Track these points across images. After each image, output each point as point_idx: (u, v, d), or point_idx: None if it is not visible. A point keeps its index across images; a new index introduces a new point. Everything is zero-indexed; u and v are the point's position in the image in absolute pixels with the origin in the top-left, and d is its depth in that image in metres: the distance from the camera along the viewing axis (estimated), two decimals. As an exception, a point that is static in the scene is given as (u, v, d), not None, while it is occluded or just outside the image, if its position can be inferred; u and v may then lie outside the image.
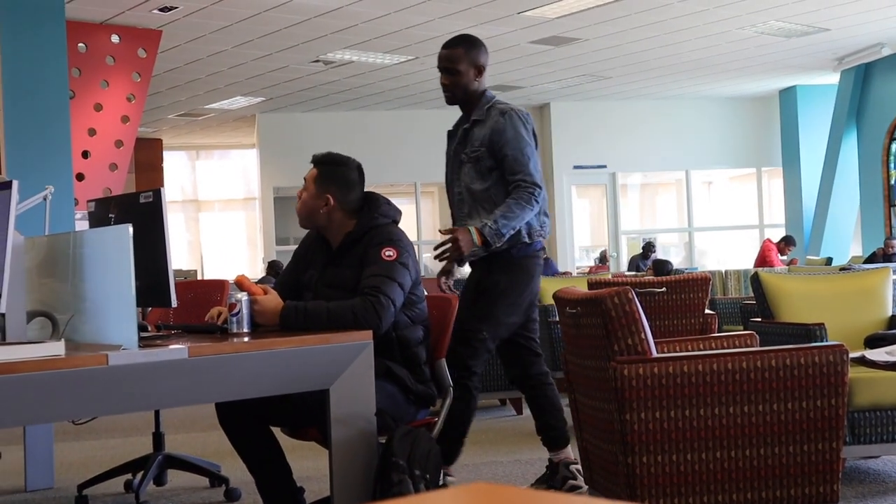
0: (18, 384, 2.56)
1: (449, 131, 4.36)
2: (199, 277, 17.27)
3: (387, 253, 3.36)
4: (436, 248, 4.06)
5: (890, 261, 12.55)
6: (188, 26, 11.06)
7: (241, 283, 3.33)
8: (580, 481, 4.13)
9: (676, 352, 3.86)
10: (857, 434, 4.08)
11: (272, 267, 14.61)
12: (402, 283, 3.34)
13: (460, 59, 4.06)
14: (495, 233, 3.94)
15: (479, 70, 4.11)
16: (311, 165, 3.61)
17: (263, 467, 3.52)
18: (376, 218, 3.50)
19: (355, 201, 3.53)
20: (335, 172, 3.53)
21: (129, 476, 4.73)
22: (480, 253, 4.03)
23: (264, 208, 17.09)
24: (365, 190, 3.60)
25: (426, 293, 3.64)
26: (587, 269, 15.80)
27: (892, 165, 15.78)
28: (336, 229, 3.54)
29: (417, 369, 3.48)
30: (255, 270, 17.58)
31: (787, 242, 14.82)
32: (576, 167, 17.52)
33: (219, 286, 4.92)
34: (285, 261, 17.66)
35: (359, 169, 3.58)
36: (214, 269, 19.67)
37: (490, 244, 3.96)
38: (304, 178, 3.59)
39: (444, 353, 3.56)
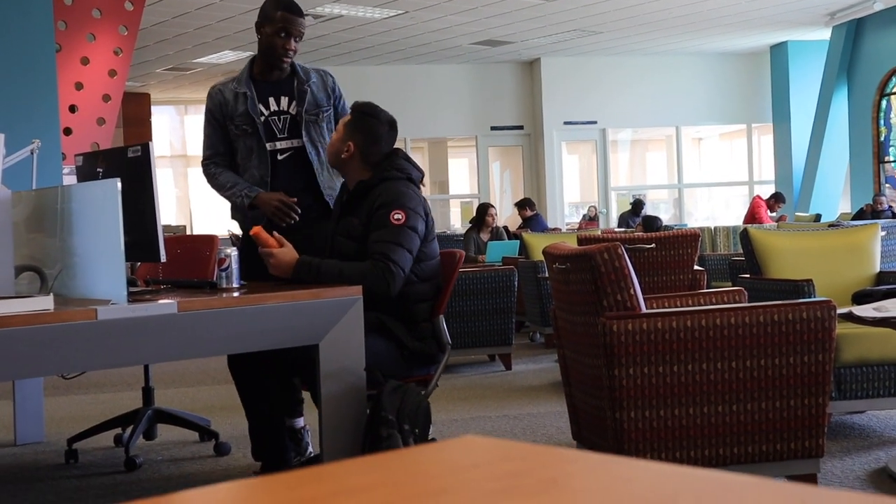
0: (7, 339, 2.56)
1: (243, 93, 3.96)
2: (188, 232, 17.23)
3: (395, 216, 3.39)
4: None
5: (878, 217, 12.59)
6: (175, -21, 10.94)
7: (257, 235, 3.35)
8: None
9: (665, 307, 3.86)
10: (843, 389, 4.11)
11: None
12: (410, 249, 3.39)
13: (304, 27, 3.98)
14: None
15: None
16: None
17: (258, 414, 3.60)
18: (391, 171, 3.52)
19: (377, 154, 3.56)
20: (364, 122, 3.57)
21: (118, 430, 4.74)
22: None
23: (253, 163, 16.99)
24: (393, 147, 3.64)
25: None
26: (576, 226, 15.81)
27: (881, 122, 15.77)
28: (352, 175, 3.58)
29: (417, 326, 3.48)
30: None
31: (776, 199, 14.85)
32: (566, 123, 17.47)
33: (208, 241, 4.89)
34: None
35: (390, 124, 3.61)
36: (203, 225, 19.62)
37: None
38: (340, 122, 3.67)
39: (443, 310, 3.56)
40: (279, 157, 3.98)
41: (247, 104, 3.94)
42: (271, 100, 3.99)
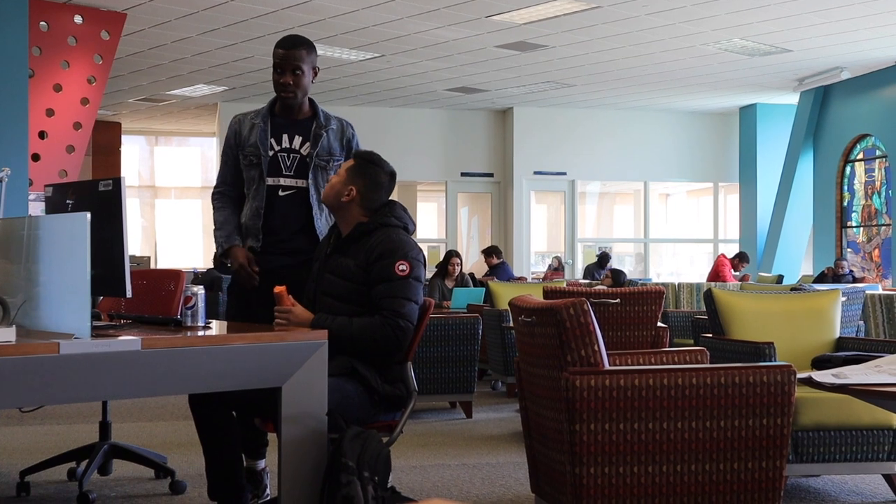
0: (-33, 369, 2.52)
1: (258, 124, 4.05)
2: (153, 263, 17.11)
3: (400, 267, 3.49)
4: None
5: (839, 281, 12.75)
6: (153, 11, 10.95)
7: (280, 294, 3.45)
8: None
9: (628, 365, 3.89)
10: (800, 453, 4.14)
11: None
12: (416, 300, 3.51)
13: (303, 59, 4.01)
14: None
15: (315, 72, 4.06)
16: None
17: (216, 453, 3.57)
18: (389, 218, 3.62)
19: (376, 201, 3.66)
20: (368, 169, 3.67)
21: (72, 464, 4.68)
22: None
23: (222, 198, 16.93)
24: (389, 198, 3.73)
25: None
26: (542, 275, 15.86)
27: (845, 187, 16.01)
28: (348, 218, 3.65)
29: (388, 369, 3.51)
30: (209, 259, 17.44)
31: (741, 259, 14.97)
32: (536, 172, 17.59)
33: (174, 276, 4.87)
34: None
35: (391, 175, 3.72)
36: (168, 256, 19.50)
37: None
38: (342, 166, 3.75)
39: (412, 356, 3.58)
40: (280, 194, 4.03)
41: (258, 136, 3.99)
42: (285, 136, 4.05)
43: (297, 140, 4.04)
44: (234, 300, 4.11)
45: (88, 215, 2.77)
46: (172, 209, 20.48)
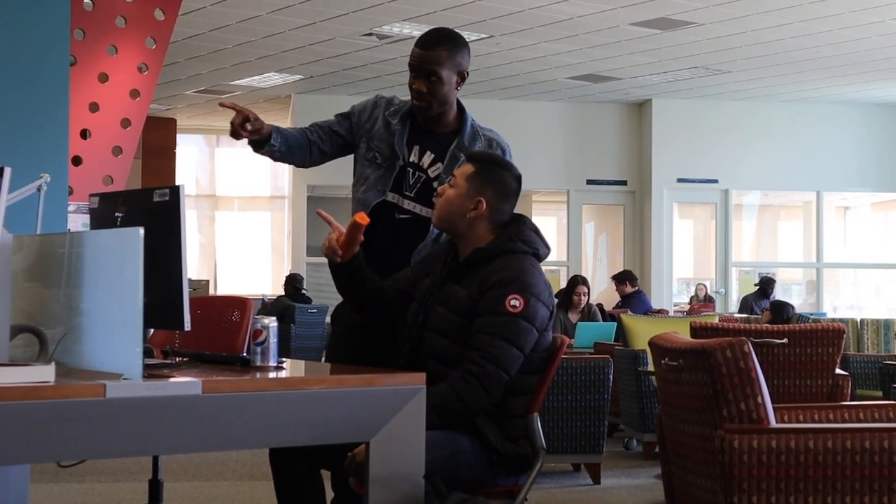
0: (-5, 416, 2.58)
1: (395, 128, 4.01)
2: (212, 288, 17.44)
3: (512, 302, 3.40)
4: None
5: None
6: (217, -15, 11.21)
7: (358, 226, 3.51)
8: None
9: (800, 422, 3.83)
10: None
11: (290, 282, 14.66)
12: (521, 346, 3.40)
13: (443, 62, 3.93)
14: None
15: (463, 77, 4.02)
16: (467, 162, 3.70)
17: None
18: (515, 243, 3.54)
19: (505, 214, 3.62)
20: (495, 174, 3.61)
21: (117, 531, 4.77)
22: None
23: (295, 209, 17.23)
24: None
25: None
26: (687, 308, 15.71)
27: None
28: (472, 240, 3.58)
29: (509, 423, 3.47)
30: (279, 284, 17.72)
31: None
32: (679, 180, 17.45)
33: (239, 304, 4.92)
34: (315, 274, 17.77)
35: (518, 179, 3.67)
36: (230, 280, 19.85)
37: None
38: (453, 174, 3.65)
39: (539, 406, 3.55)
40: (397, 216, 3.99)
41: (394, 137, 3.96)
42: (416, 148, 4.02)
43: (428, 157, 4.00)
44: (338, 332, 4.08)
45: (142, 230, 2.83)
46: (236, 223, 20.85)
